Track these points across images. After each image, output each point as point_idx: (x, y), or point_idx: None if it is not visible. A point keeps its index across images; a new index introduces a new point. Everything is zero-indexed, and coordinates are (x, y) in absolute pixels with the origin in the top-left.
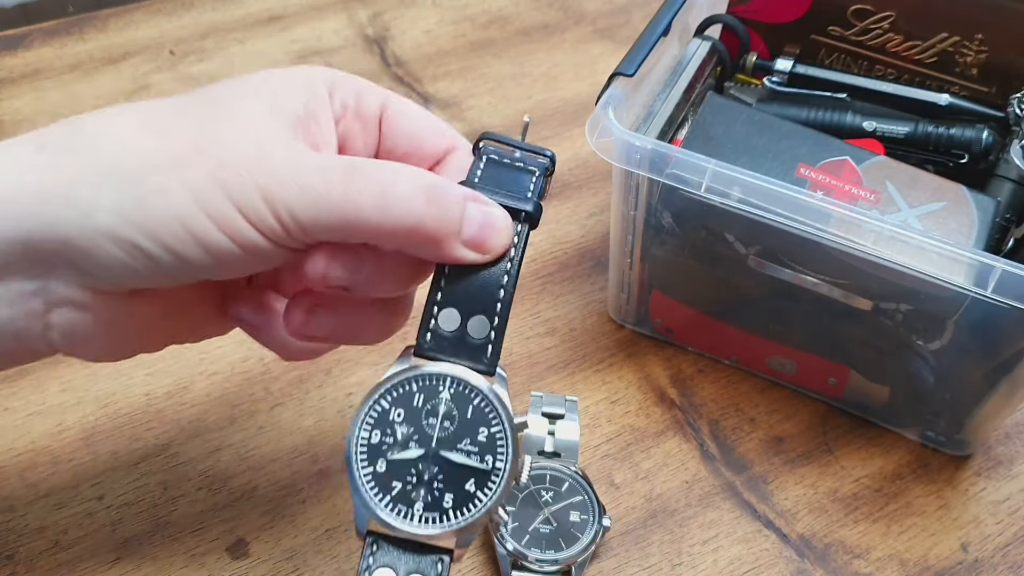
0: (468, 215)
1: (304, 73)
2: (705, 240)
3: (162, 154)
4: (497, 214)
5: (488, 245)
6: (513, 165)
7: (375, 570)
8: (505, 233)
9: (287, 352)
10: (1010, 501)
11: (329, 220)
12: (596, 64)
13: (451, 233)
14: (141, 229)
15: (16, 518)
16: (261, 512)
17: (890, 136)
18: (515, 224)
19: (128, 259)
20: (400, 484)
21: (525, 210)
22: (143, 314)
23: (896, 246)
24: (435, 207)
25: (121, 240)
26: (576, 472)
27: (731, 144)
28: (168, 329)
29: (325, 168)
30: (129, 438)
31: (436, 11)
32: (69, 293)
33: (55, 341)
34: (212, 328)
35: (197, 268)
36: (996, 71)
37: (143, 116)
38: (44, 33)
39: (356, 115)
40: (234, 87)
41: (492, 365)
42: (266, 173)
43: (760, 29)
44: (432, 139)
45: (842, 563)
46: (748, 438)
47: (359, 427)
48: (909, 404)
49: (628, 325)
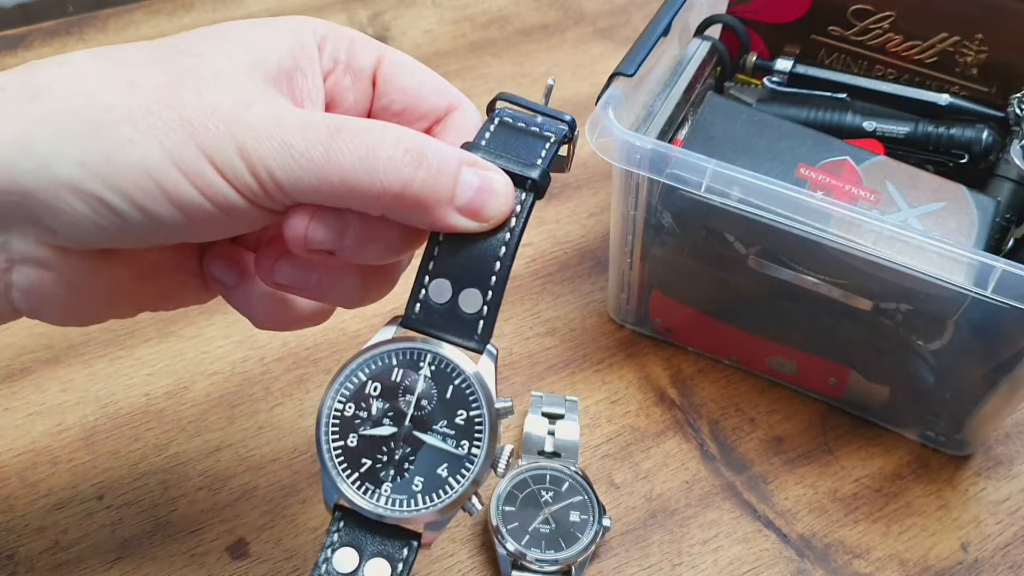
0: (463, 180)
1: (290, 23)
2: (705, 240)
3: (130, 104)
4: (497, 179)
5: (485, 212)
6: (527, 129)
7: (338, 548)
8: (504, 200)
9: (261, 318)
10: (1010, 501)
11: (309, 181)
12: (596, 64)
13: (443, 199)
14: (106, 182)
15: (16, 518)
16: (261, 512)
17: (890, 136)
18: (518, 192)
19: (92, 215)
20: (369, 462)
21: (530, 177)
22: (111, 276)
23: (896, 246)
24: (425, 170)
25: (84, 193)
26: (576, 472)
27: (731, 144)
28: (140, 294)
29: (306, 125)
30: (129, 438)
31: (436, 11)
32: (30, 251)
33: (16, 301)
34: (188, 296)
35: (168, 227)
36: (996, 71)
37: (110, 64)
38: (44, 33)
39: (347, 69)
40: (211, 35)
41: (482, 342)
42: (243, 126)
43: (760, 29)
44: (431, 97)
45: (842, 563)
46: (748, 438)
47: (333, 399)
48: (909, 404)
49: (628, 325)
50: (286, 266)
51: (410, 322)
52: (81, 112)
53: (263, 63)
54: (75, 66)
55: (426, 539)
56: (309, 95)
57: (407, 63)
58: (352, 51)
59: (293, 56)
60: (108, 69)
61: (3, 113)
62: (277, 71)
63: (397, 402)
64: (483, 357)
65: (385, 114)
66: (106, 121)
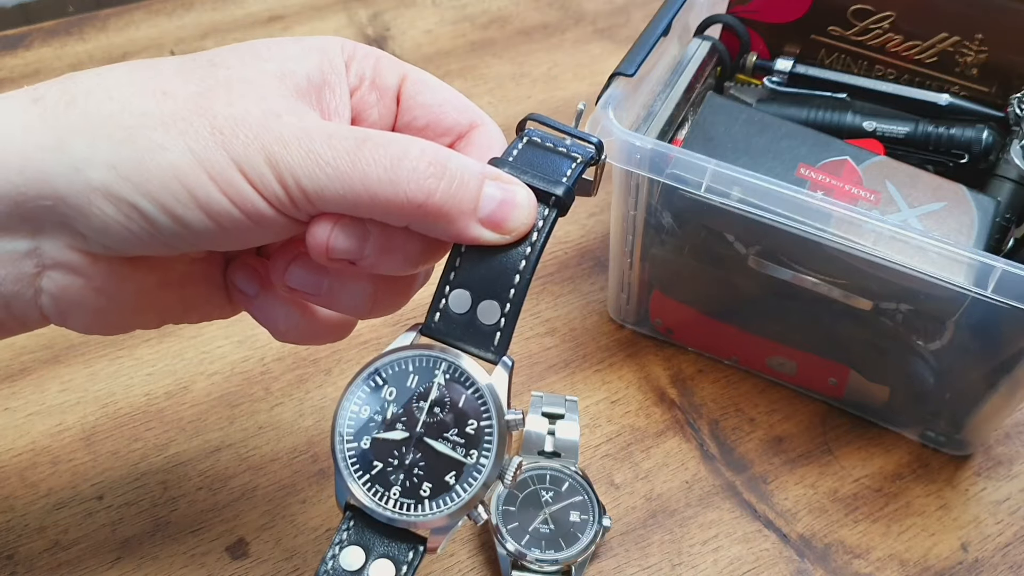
0: (486, 192)
1: (319, 42)
2: (705, 240)
3: (163, 112)
4: (520, 192)
5: (508, 225)
6: (554, 149)
7: (346, 546)
8: (527, 213)
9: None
10: (1010, 501)
11: (336, 190)
12: (596, 64)
13: (465, 211)
14: (138, 187)
15: (16, 518)
16: (261, 512)
17: (890, 136)
18: (541, 207)
19: (124, 220)
20: (381, 465)
21: (554, 193)
22: (139, 285)
23: (896, 246)
24: (448, 182)
25: (116, 198)
26: (576, 472)
27: (731, 144)
28: (166, 304)
29: (333, 136)
30: (129, 438)
31: (436, 11)
32: (62, 256)
33: (46, 307)
34: (213, 309)
35: (196, 234)
36: (996, 71)
37: (144, 74)
38: (44, 33)
39: (373, 86)
40: (242, 51)
41: (499, 353)
42: (272, 136)
43: (760, 29)
44: (453, 114)
45: (842, 563)
46: (748, 438)
47: (350, 400)
48: (909, 404)
49: (628, 325)
50: (298, 270)
51: (429, 330)
52: (114, 118)
53: (292, 76)
54: (112, 76)
55: (432, 543)
56: (336, 110)
57: (430, 81)
58: (378, 69)
59: (322, 71)
60: (143, 79)
61: (40, 120)
62: (306, 85)
63: (411, 407)
64: (498, 368)
65: (409, 130)
66: (138, 127)
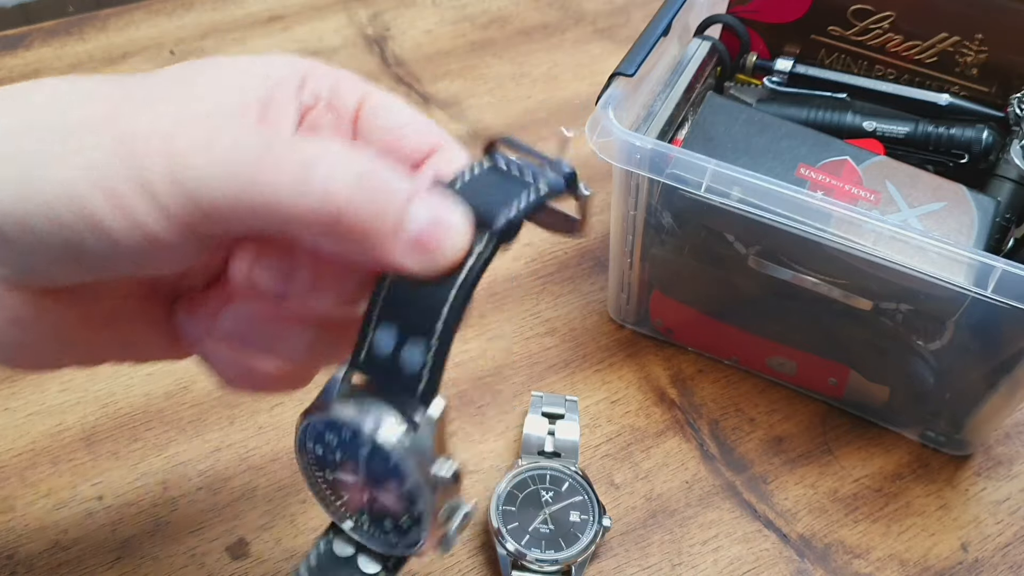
0: (412, 211)
1: (272, 57)
2: (705, 240)
3: (66, 124)
4: (451, 216)
5: (435, 250)
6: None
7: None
8: (458, 238)
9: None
10: (1010, 501)
11: (237, 201)
12: (596, 64)
13: (386, 230)
14: (27, 202)
15: (16, 518)
16: (261, 512)
17: (890, 136)
18: (479, 236)
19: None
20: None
21: (491, 222)
22: (59, 319)
23: (896, 246)
24: (366, 193)
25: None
26: (576, 472)
27: (731, 144)
28: (95, 341)
29: (239, 140)
30: (129, 438)
31: (436, 11)
32: None
33: None
34: (155, 349)
35: (94, 256)
36: (996, 71)
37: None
38: (44, 33)
39: (330, 107)
40: (189, 66)
41: (423, 403)
42: (176, 146)
43: (760, 29)
44: (413, 137)
45: (842, 563)
46: (748, 438)
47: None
48: (909, 404)
49: (628, 325)
50: (230, 313)
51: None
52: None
53: (227, 91)
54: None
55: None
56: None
57: (391, 104)
58: (336, 89)
59: (267, 88)
60: (62, 92)
61: None
62: (241, 101)
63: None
64: (422, 426)
65: None
66: (35, 140)
